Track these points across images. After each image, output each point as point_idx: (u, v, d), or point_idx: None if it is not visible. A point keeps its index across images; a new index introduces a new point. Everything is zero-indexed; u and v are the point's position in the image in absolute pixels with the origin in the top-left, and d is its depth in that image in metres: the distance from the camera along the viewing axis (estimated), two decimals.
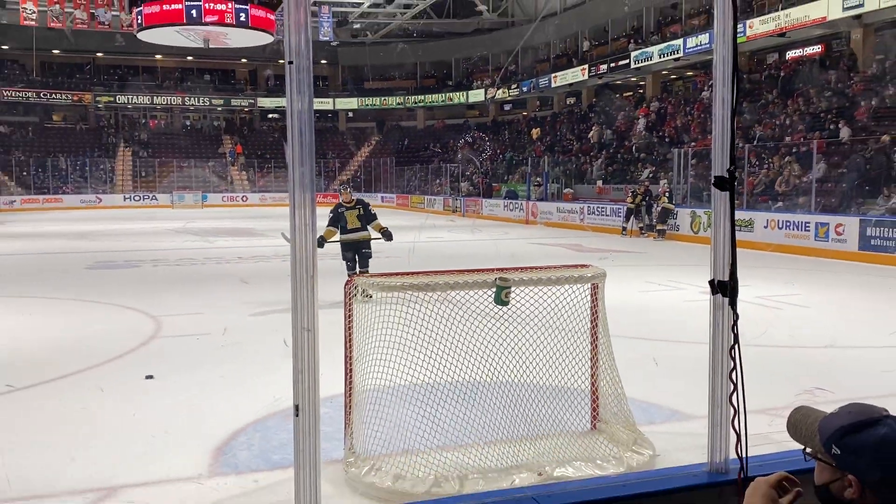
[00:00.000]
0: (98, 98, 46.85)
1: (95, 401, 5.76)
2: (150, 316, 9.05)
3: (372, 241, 10.08)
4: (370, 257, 9.98)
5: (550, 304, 4.27)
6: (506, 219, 29.54)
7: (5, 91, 44.13)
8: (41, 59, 45.09)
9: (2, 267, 14.69)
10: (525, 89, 40.65)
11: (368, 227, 9.95)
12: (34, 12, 37.01)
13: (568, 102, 40.12)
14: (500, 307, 4.12)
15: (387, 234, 9.98)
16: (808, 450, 1.61)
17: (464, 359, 4.12)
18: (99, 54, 46.87)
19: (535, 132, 38.10)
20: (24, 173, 42.19)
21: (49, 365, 6.80)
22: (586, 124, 35.11)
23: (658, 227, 20.37)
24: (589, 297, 4.54)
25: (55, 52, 45.13)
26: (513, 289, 4.09)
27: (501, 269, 4.24)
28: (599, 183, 28.68)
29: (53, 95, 45.73)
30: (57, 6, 37.20)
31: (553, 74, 37.80)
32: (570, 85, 36.89)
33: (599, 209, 24.29)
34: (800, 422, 1.65)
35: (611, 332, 4.65)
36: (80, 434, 5.03)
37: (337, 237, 9.90)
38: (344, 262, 9.88)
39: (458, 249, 18.00)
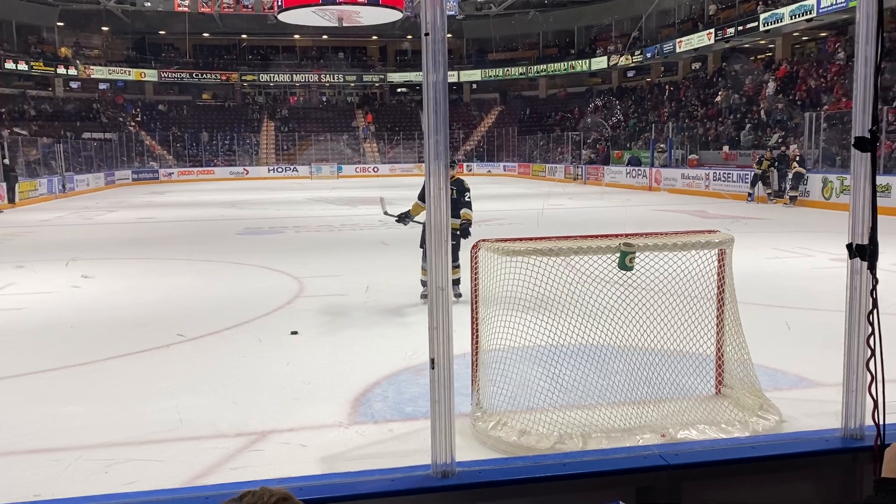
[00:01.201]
0: (244, 77, 49.07)
1: (253, 352, 6.15)
2: (294, 277, 9.50)
3: (455, 230, 7.71)
4: (457, 249, 7.51)
5: (676, 269, 4.16)
6: (628, 186, 28.79)
7: (163, 73, 46.97)
8: (193, 42, 47.58)
9: (166, 232, 15.81)
10: (649, 55, 39.16)
11: (459, 215, 7.71)
12: None
13: (693, 67, 38.35)
14: (625, 273, 4.05)
15: (463, 230, 7.72)
16: None
17: (587, 323, 4.09)
18: (244, 36, 48.93)
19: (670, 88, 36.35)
20: (181, 148, 44.94)
21: (212, 319, 7.31)
22: (712, 89, 33.47)
23: (790, 193, 19.25)
24: (716, 263, 4.39)
25: (205, 35, 47.48)
26: (637, 254, 4.00)
27: (625, 235, 4.16)
28: (726, 149, 27.35)
29: (204, 76, 48.26)
30: None
31: (678, 39, 36.17)
32: (696, 50, 35.19)
33: (725, 175, 23.21)
34: None
35: (738, 298, 4.48)
36: (239, 381, 5.39)
37: (423, 216, 7.82)
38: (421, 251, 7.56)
39: (581, 216, 17.73)
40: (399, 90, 52.43)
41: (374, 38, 49.22)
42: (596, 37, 45.93)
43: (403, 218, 8.10)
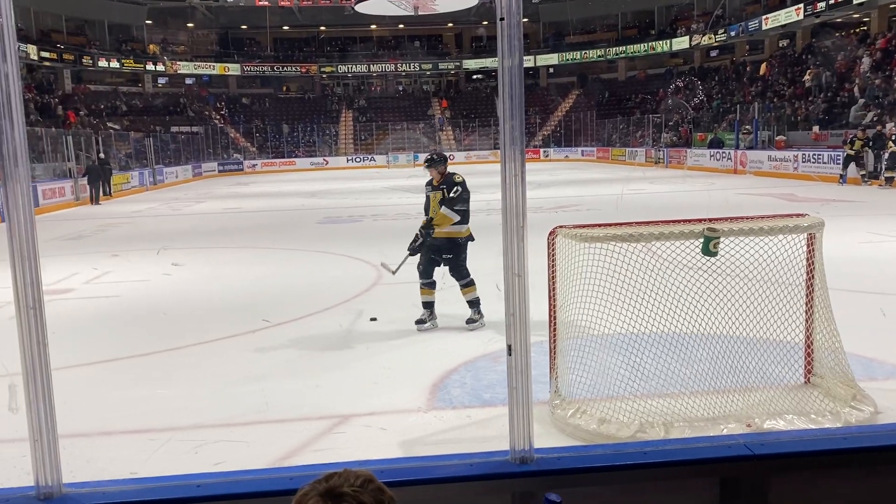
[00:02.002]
0: (322, 69, 49.94)
1: (335, 337, 6.29)
2: (373, 265, 9.65)
3: (456, 239, 6.39)
4: (457, 261, 6.33)
5: (762, 255, 4.02)
6: (712, 169, 27.95)
7: (245, 66, 48.29)
8: (273, 35, 48.73)
9: (251, 222, 16.31)
10: (733, 33, 37.79)
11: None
12: None
13: (780, 45, 36.78)
14: (708, 258, 3.94)
15: (428, 226, 6.37)
16: None
17: (669, 310, 4.01)
18: (322, 28, 49.75)
19: (764, 68, 34.95)
20: (263, 139, 46.17)
21: (295, 306, 7.52)
22: (800, 67, 32.05)
23: (886, 175, 18.28)
24: (804, 248, 4.22)
25: (285, 28, 48.52)
26: (721, 239, 3.89)
27: (709, 220, 4.05)
28: (816, 129, 26.18)
29: (285, 68, 49.36)
30: None
31: (764, 16, 34.75)
32: (784, 26, 33.73)
33: (815, 156, 22.22)
34: None
35: (828, 284, 4.30)
36: (322, 365, 5.53)
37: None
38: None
39: (663, 201, 17.32)
40: (475, 77, 52.32)
41: (450, 25, 49.21)
42: (677, 16, 44.64)
43: (414, 248, 6.52)
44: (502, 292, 2.19)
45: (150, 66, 44.85)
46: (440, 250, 6.37)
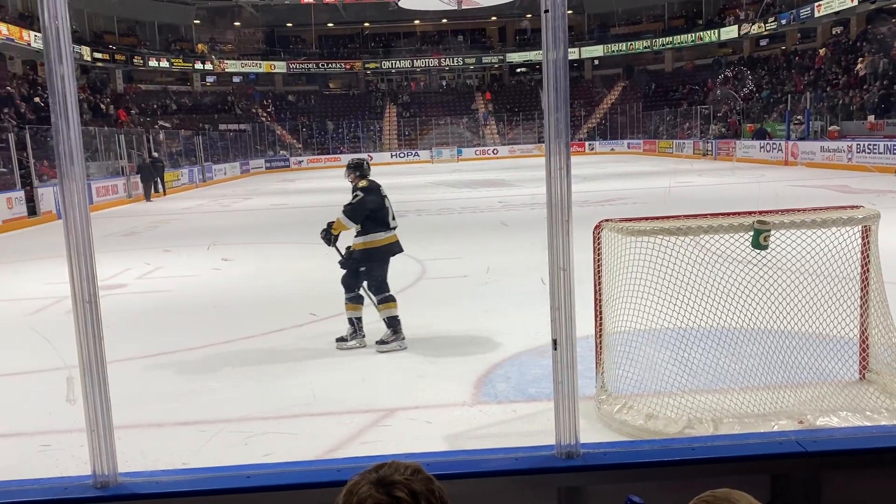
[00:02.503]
0: (366, 65, 50.24)
1: (381, 331, 6.32)
2: (417, 260, 9.68)
3: (370, 250, 6.15)
4: (370, 276, 6.10)
5: (815, 248, 3.92)
6: (762, 161, 27.34)
7: (291, 64, 48.84)
8: (318, 32, 49.16)
9: (298, 217, 16.51)
10: (784, 21, 36.83)
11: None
12: None
13: (833, 32, 35.73)
14: (758, 252, 3.86)
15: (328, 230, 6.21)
16: None
17: (718, 304, 3.94)
18: (366, 24, 50.02)
19: (823, 52, 33.93)
20: (309, 136, 46.67)
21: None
22: (854, 55, 31.10)
23: None
24: (859, 241, 4.10)
25: (329, 25, 48.90)
26: (772, 232, 3.80)
27: (759, 213, 3.96)
28: (871, 118, 25.38)
29: (329, 65, 49.79)
30: None
31: (817, 3, 33.76)
32: (837, 13, 32.74)
33: (871, 146, 21.56)
34: None
35: (884, 278, 4.18)
36: (368, 359, 5.58)
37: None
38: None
39: (712, 193, 17.01)
40: (518, 70, 52.03)
41: (493, 18, 49.02)
42: (725, 5, 43.70)
43: (329, 238, 6.22)
44: (547, 287, 2.18)
45: (198, 65, 45.67)
46: (358, 262, 6.03)
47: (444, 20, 48.71)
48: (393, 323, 5.90)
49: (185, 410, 4.69)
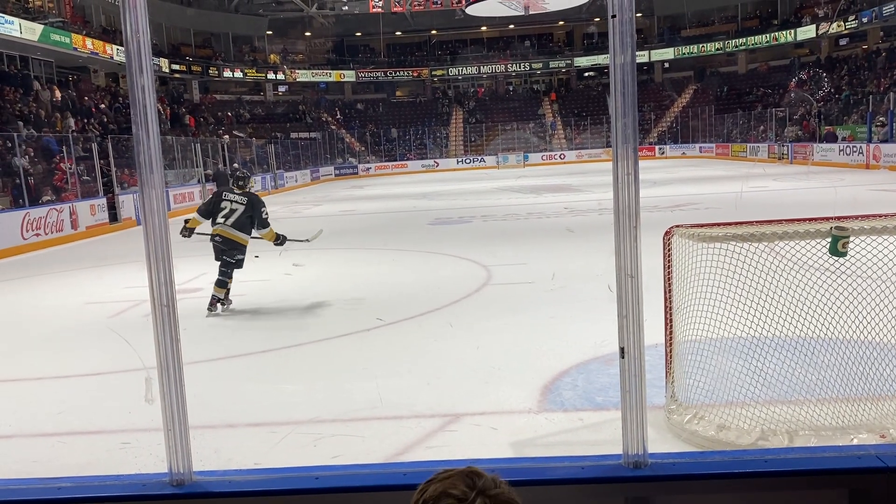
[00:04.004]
0: (433, 72, 50.59)
1: (446, 336, 6.37)
2: (483, 265, 9.68)
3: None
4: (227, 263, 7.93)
5: None
6: (841, 164, 26.33)
7: (360, 72, 49.61)
8: (386, 41, 49.80)
9: (366, 224, 16.75)
10: (865, 20, 35.40)
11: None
12: (381, 0, 40.99)
13: None
14: (837, 259, 3.72)
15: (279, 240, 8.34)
16: None
17: (793, 313, 3.80)
18: (433, 32, 50.41)
19: None
20: (377, 143, 47.28)
21: (407, 305, 7.67)
22: None
23: None
24: None
25: (398, 33, 49.48)
26: (851, 238, 3.66)
27: (837, 218, 3.81)
28: None
29: (397, 73, 50.35)
30: None
31: None
32: None
33: None
34: None
35: None
36: (433, 364, 5.61)
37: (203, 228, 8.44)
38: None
39: (787, 198, 16.47)
40: (586, 74, 51.53)
41: (561, 23, 48.71)
42: (802, 4, 42.31)
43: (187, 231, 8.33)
44: (614, 294, 2.15)
45: (270, 75, 46.84)
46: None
47: (511, 26, 48.68)
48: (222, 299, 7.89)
49: (256, 411, 4.80)
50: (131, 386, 4.77)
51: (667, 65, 49.17)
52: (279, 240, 8.26)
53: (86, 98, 28.79)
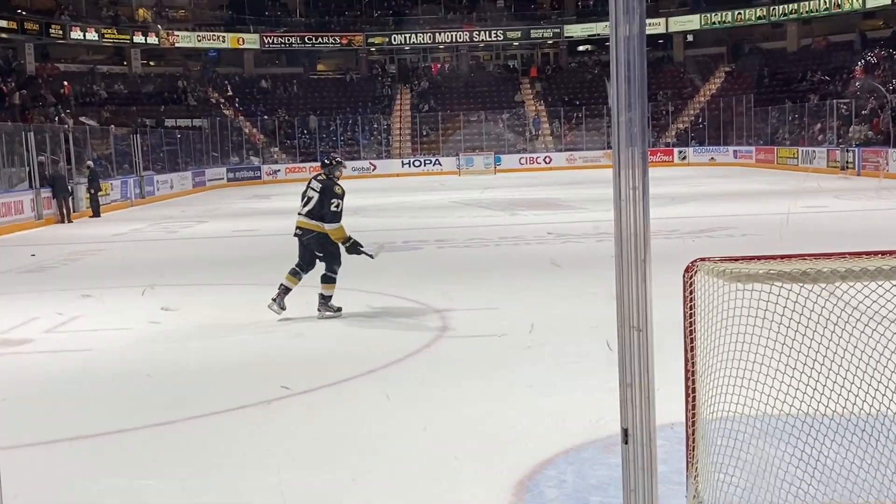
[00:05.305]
0: (370, 40, 50.86)
1: (380, 411, 6.32)
2: (436, 310, 9.67)
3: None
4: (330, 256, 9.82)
5: None
6: None
7: (266, 37, 49.57)
8: None
9: (269, 249, 16.60)
10: None
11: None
12: None
13: None
14: None
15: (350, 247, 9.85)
16: None
17: (862, 381, 3.88)
18: None
19: None
20: (289, 137, 47.14)
21: (326, 366, 7.61)
22: None
23: None
24: None
25: None
26: None
27: None
28: None
29: (319, 40, 50.50)
30: None
31: None
32: None
33: None
34: None
35: None
36: (362, 451, 5.56)
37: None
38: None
39: (852, 223, 16.89)
40: (580, 49, 52.40)
41: None
42: None
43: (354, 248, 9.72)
44: (615, 353, 2.17)
45: (138, 39, 46.52)
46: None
47: None
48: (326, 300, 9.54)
49: None
50: None
51: (690, 38, 50.37)
52: (349, 242, 9.52)
53: None
